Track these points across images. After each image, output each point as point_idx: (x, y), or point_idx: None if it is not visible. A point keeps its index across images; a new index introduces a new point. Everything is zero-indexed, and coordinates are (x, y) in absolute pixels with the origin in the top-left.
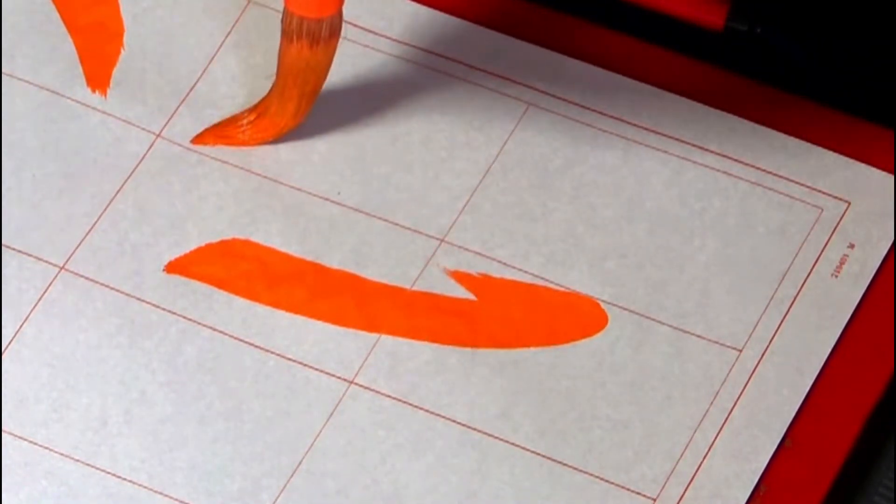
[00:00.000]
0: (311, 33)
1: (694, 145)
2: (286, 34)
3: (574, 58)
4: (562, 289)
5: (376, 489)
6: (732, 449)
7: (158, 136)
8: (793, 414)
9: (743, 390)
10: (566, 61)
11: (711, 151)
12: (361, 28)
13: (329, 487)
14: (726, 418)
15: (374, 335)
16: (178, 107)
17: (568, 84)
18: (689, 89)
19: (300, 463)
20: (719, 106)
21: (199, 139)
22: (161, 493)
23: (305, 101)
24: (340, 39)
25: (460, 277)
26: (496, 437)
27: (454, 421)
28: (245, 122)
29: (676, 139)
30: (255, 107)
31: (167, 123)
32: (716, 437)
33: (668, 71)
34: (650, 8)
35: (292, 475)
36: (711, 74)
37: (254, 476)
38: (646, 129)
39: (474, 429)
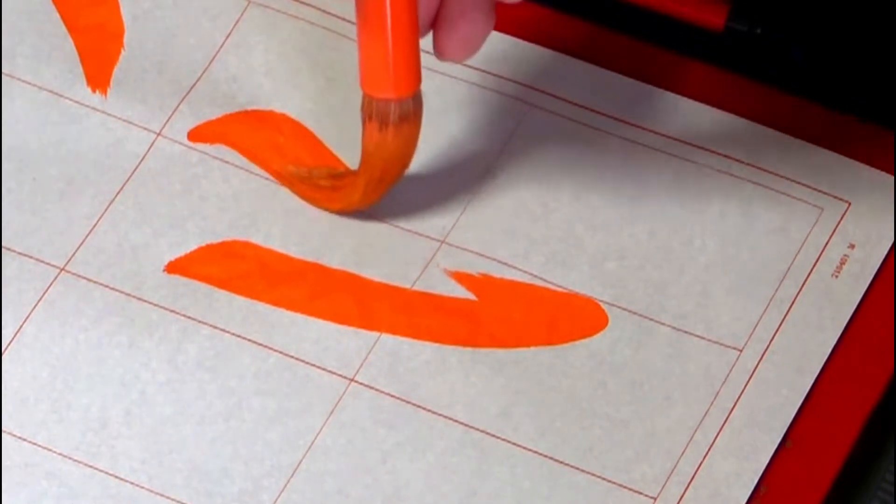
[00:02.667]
0: (380, 115)
1: (694, 145)
2: (362, 111)
3: (574, 58)
4: (562, 289)
5: (377, 488)
6: (733, 448)
7: (159, 135)
8: (793, 414)
9: (743, 390)
10: (566, 61)
11: (711, 151)
12: None
13: (329, 487)
14: (726, 418)
15: (375, 333)
16: (179, 105)
17: (568, 84)
18: (689, 89)
19: (300, 462)
20: (719, 106)
21: (275, 171)
22: (161, 494)
23: (373, 186)
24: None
25: (461, 278)
26: (496, 437)
27: (454, 420)
28: (322, 183)
29: (676, 139)
30: (337, 175)
31: (167, 123)
32: (716, 437)
33: (668, 71)
34: (650, 8)
35: (292, 475)
36: (711, 74)
37: (254, 476)
38: (646, 129)
39: (474, 428)
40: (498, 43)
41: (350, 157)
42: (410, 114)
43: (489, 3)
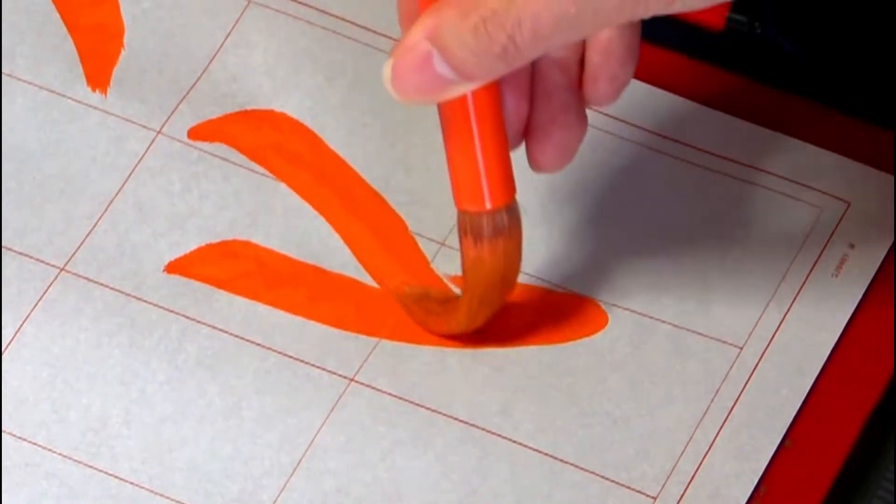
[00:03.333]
0: (474, 229)
1: (694, 146)
2: (459, 231)
3: None
4: (562, 289)
5: (376, 486)
6: (733, 448)
7: (159, 133)
8: (793, 413)
9: (743, 389)
10: None
11: (711, 152)
12: (362, 27)
13: (329, 485)
14: (727, 417)
15: (374, 339)
16: (179, 105)
17: None
18: (689, 89)
19: (300, 461)
20: (719, 106)
21: (391, 287)
22: (161, 494)
23: (476, 306)
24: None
25: (460, 282)
26: (497, 435)
27: (454, 418)
28: (434, 307)
29: (676, 140)
30: (447, 299)
31: (167, 121)
32: (716, 436)
33: (668, 71)
34: None
35: (292, 473)
36: (711, 74)
37: (254, 476)
38: (646, 129)
39: (475, 426)
40: None
41: (351, 157)
42: (505, 227)
43: (579, 105)
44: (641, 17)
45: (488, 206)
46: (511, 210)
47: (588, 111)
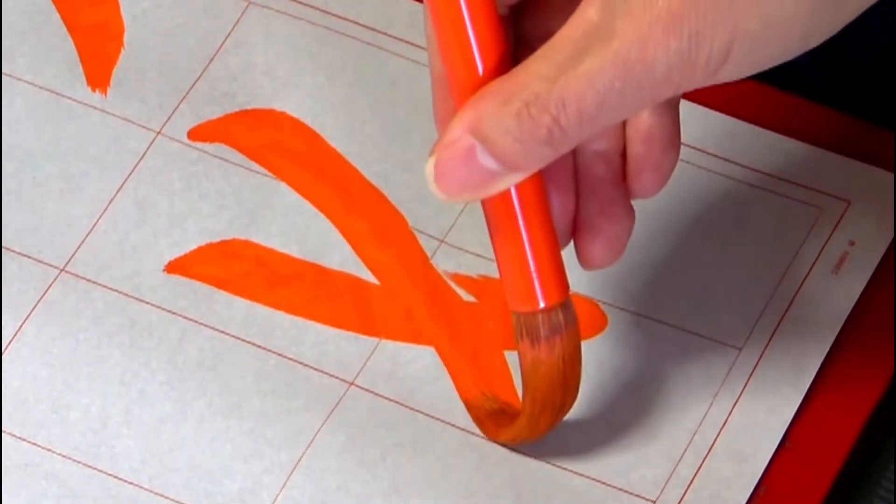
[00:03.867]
0: (530, 330)
1: (694, 146)
2: (515, 333)
3: None
4: None
5: (376, 485)
6: (732, 449)
7: (159, 133)
8: (792, 414)
9: (743, 390)
10: None
11: (711, 152)
12: (363, 26)
13: (329, 484)
14: (726, 418)
15: (374, 338)
16: (179, 104)
17: None
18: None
19: (300, 460)
20: (719, 107)
21: (468, 398)
22: (161, 494)
23: (536, 410)
24: None
25: (460, 280)
26: (495, 441)
27: (453, 425)
28: (503, 421)
29: None
30: (513, 411)
31: (167, 121)
32: (716, 438)
33: None
34: None
35: (292, 472)
36: None
37: (254, 475)
38: None
39: (473, 433)
40: None
41: (351, 154)
42: (561, 325)
43: (625, 198)
44: (686, 89)
45: (542, 304)
46: (566, 307)
47: None
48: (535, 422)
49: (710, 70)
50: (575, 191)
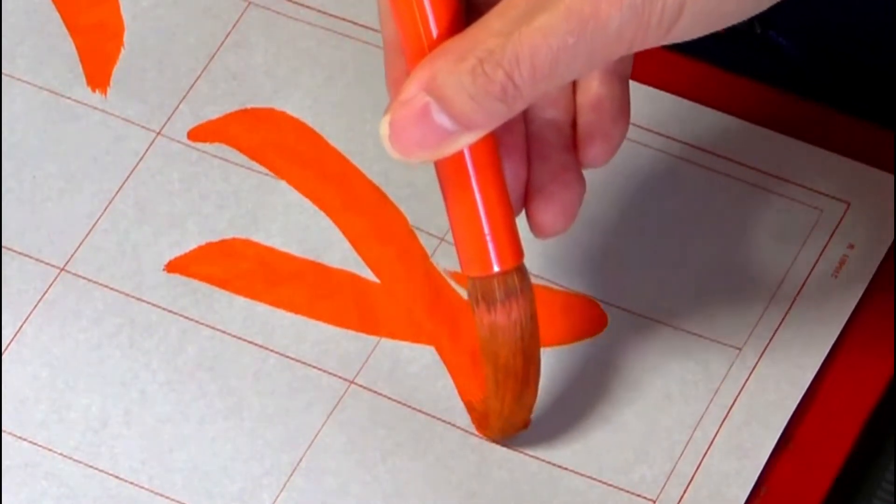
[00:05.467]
0: (486, 295)
1: (694, 146)
2: (470, 299)
3: None
4: (561, 289)
5: (376, 486)
6: (732, 448)
7: (159, 133)
8: (792, 413)
9: (742, 388)
10: None
11: (711, 152)
12: (362, 26)
13: (329, 485)
14: (725, 416)
15: (375, 337)
16: (179, 104)
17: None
18: (689, 90)
19: (300, 461)
20: (720, 106)
21: (470, 402)
22: (161, 494)
23: (500, 377)
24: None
25: (460, 278)
26: (495, 441)
27: (454, 425)
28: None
29: (676, 139)
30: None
31: (167, 121)
32: (715, 436)
33: (668, 71)
34: None
35: (292, 473)
36: (712, 75)
37: (254, 475)
38: (646, 129)
39: (473, 433)
40: None
41: (351, 153)
42: (517, 289)
43: (576, 165)
44: (640, 48)
45: (497, 268)
46: (521, 272)
47: None
48: (501, 392)
49: (664, 28)
50: (527, 158)
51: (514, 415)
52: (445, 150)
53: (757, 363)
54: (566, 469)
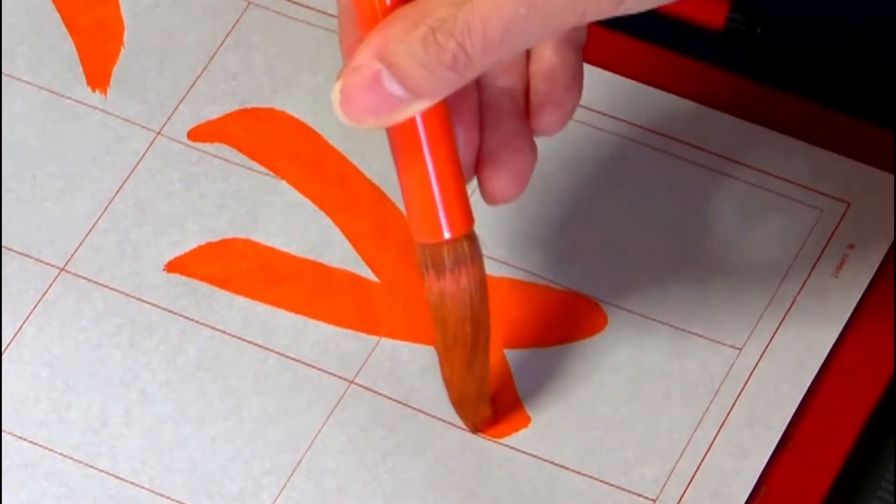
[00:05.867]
0: (436, 262)
1: (694, 146)
2: (420, 266)
3: None
4: (561, 289)
5: (376, 487)
6: (732, 448)
7: (159, 133)
8: (792, 413)
9: (743, 389)
10: None
11: (711, 152)
12: None
13: (329, 485)
14: (726, 418)
15: (375, 337)
16: (179, 104)
17: None
18: (689, 89)
19: (300, 461)
20: (719, 106)
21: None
22: (161, 494)
23: (449, 343)
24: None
25: None
26: (495, 440)
27: (454, 425)
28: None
29: (676, 139)
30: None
31: (167, 121)
32: (715, 437)
33: (668, 71)
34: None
35: (292, 473)
36: (711, 74)
37: (254, 475)
38: (646, 129)
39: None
40: None
41: (351, 153)
42: (466, 257)
43: (529, 133)
44: (592, 18)
45: (447, 235)
46: (471, 240)
47: (587, 110)
48: (450, 359)
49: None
50: (479, 126)
51: (466, 384)
52: (396, 118)
53: (757, 363)
54: (566, 468)
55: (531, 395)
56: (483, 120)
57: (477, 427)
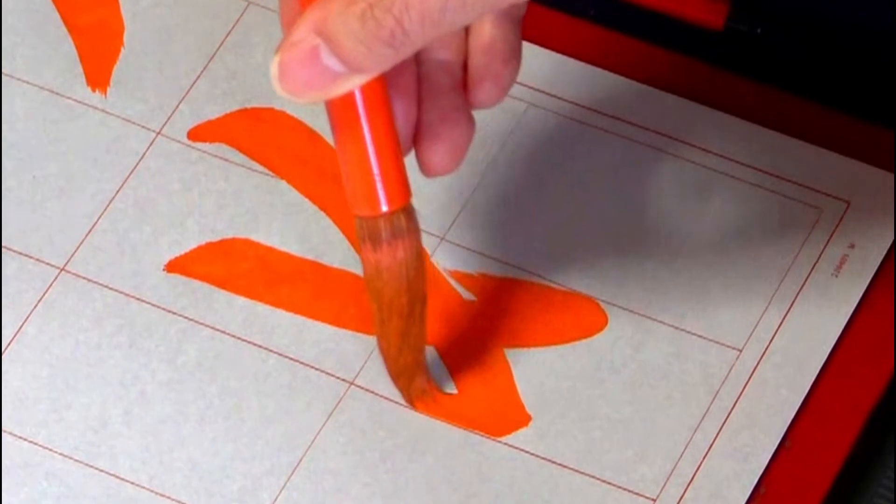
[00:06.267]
0: (373, 235)
1: (694, 145)
2: (358, 238)
3: (574, 58)
4: (561, 288)
5: (376, 487)
6: (732, 449)
7: (158, 133)
8: (793, 414)
9: (743, 390)
10: (566, 61)
11: (711, 152)
12: None
13: (329, 485)
14: (726, 418)
15: (374, 338)
16: (179, 104)
17: (568, 84)
18: (689, 89)
19: (300, 461)
20: (719, 106)
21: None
22: (161, 494)
23: (385, 314)
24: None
25: (460, 277)
26: (495, 440)
27: (454, 425)
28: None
29: (676, 139)
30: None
31: (167, 121)
32: (715, 437)
33: (668, 71)
34: (650, 8)
35: (292, 473)
36: (711, 74)
37: (254, 475)
38: (646, 128)
39: (473, 433)
40: None
41: None
42: (403, 229)
43: (466, 106)
44: None
45: (385, 208)
46: (408, 213)
47: (587, 110)
48: (386, 331)
49: None
50: (417, 99)
51: (403, 354)
52: (334, 92)
53: (757, 364)
54: (566, 468)
55: (531, 394)
56: (421, 93)
57: (413, 399)
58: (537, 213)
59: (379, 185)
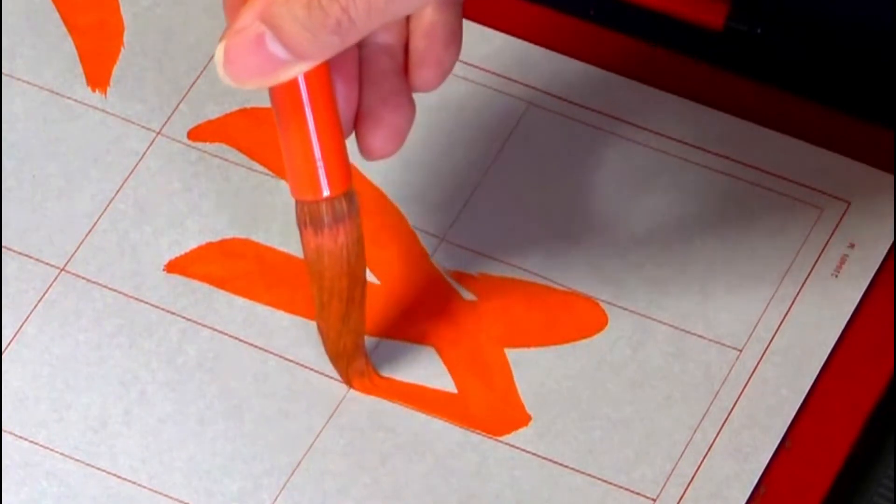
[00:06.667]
0: (313, 219)
1: (694, 145)
2: (298, 222)
3: (574, 58)
4: (561, 288)
5: (376, 488)
6: (732, 449)
7: (158, 133)
8: (793, 414)
9: (743, 390)
10: (566, 61)
11: (711, 152)
12: None
13: (329, 486)
14: (726, 418)
15: (374, 338)
16: (179, 104)
17: (568, 84)
18: (689, 89)
19: (300, 462)
20: (719, 106)
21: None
22: (161, 494)
23: (325, 298)
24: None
25: (460, 277)
26: (495, 439)
27: (454, 424)
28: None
29: (676, 139)
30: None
31: (167, 121)
32: (716, 437)
33: (668, 71)
34: (650, 8)
35: (292, 474)
36: (711, 74)
37: (254, 475)
38: (646, 129)
39: (473, 433)
40: (498, 42)
41: (351, 155)
42: (344, 214)
43: (407, 90)
44: None
45: (326, 193)
46: (349, 197)
47: (587, 110)
48: (326, 313)
49: None
50: (358, 82)
51: (342, 337)
52: (278, 78)
53: (757, 364)
54: (566, 468)
55: (531, 394)
56: (362, 76)
57: (351, 380)
58: (537, 213)
59: (321, 171)
